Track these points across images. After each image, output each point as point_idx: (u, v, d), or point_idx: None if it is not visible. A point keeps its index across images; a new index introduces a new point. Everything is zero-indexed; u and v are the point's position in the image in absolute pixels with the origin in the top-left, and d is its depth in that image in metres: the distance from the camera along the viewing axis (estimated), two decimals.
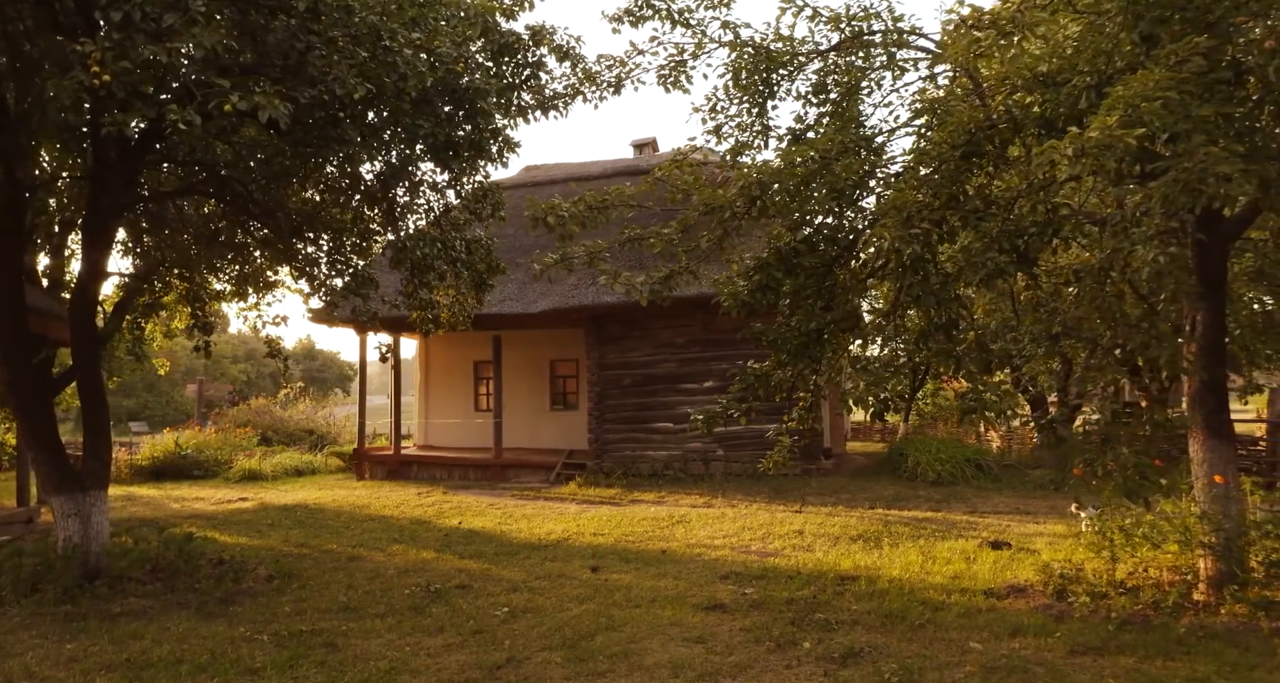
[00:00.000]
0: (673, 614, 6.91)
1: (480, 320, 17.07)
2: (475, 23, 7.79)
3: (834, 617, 6.62)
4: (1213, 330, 7.20)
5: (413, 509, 13.41)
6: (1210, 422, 7.19)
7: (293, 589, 8.06)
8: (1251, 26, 4.42)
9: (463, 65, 6.96)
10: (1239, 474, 7.06)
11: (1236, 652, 5.51)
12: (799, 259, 5.87)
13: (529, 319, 16.59)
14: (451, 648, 6.21)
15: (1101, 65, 4.74)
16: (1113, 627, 6.10)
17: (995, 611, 6.76)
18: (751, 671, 5.54)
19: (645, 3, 7.01)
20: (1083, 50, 4.79)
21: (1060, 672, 5.29)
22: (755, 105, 6.95)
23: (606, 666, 5.70)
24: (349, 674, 5.67)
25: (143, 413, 40.60)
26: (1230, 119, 4.48)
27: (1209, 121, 4.17)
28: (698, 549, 9.61)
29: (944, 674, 5.34)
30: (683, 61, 7.38)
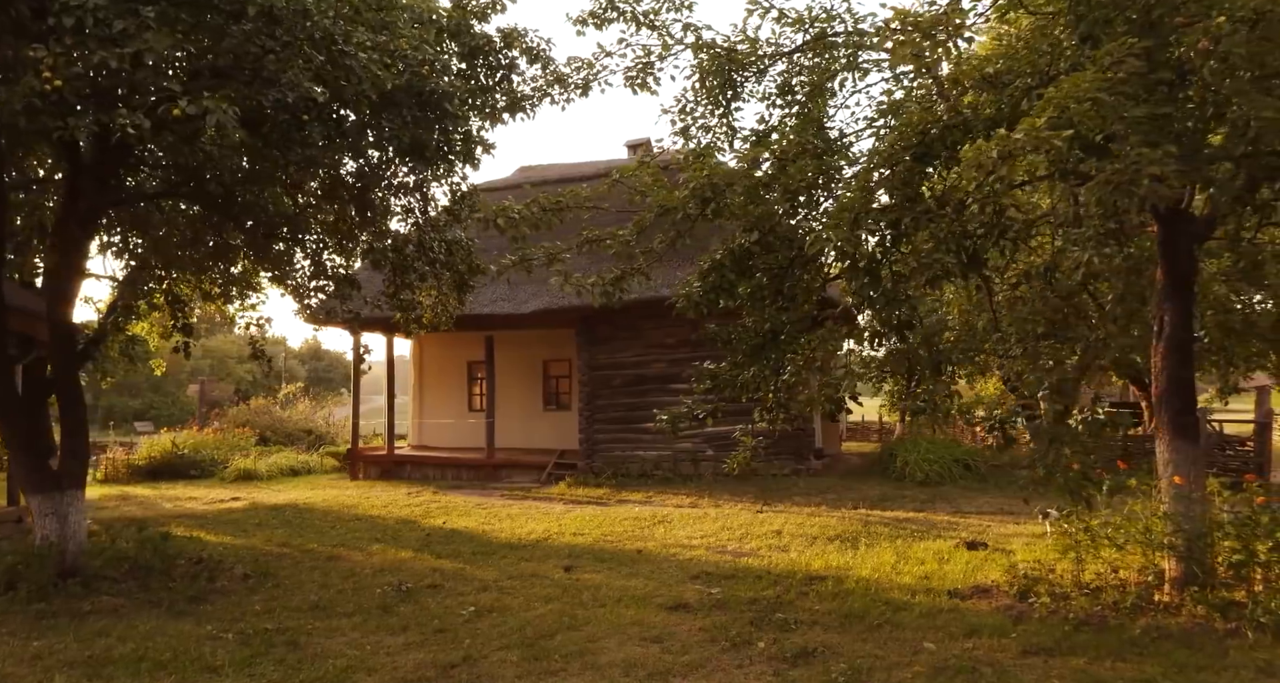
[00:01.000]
0: (636, 614, 6.94)
1: (473, 321, 17.20)
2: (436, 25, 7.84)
3: (794, 617, 6.64)
4: (1180, 331, 7.18)
5: (400, 509, 13.49)
6: (1176, 422, 7.18)
7: (266, 588, 8.13)
8: (1189, 28, 4.41)
9: (428, 68, 6.99)
10: (1204, 475, 7.04)
11: (1188, 653, 5.50)
12: (753, 261, 5.89)
13: (520, 319, 16.65)
14: (411, 647, 6.26)
15: (1044, 66, 4.74)
16: (1069, 628, 6.10)
17: (957, 611, 6.76)
18: (703, 670, 5.56)
19: (609, 5, 7.04)
20: (1028, 51, 4.80)
21: (1008, 672, 5.30)
22: (719, 107, 6.97)
23: (560, 665, 5.74)
24: (305, 672, 5.72)
25: (148, 413, 40.89)
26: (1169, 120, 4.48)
27: (1143, 122, 4.17)
28: (674, 549, 9.64)
29: (892, 674, 5.35)
30: (649, 63, 7.41)
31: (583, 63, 7.60)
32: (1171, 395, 7.25)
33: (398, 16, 6.28)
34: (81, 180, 7.96)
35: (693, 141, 7.25)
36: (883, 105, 6.29)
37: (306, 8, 5.57)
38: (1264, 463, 13.03)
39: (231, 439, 21.53)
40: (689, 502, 13.45)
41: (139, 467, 18.83)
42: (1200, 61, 4.27)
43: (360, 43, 5.90)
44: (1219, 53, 4.19)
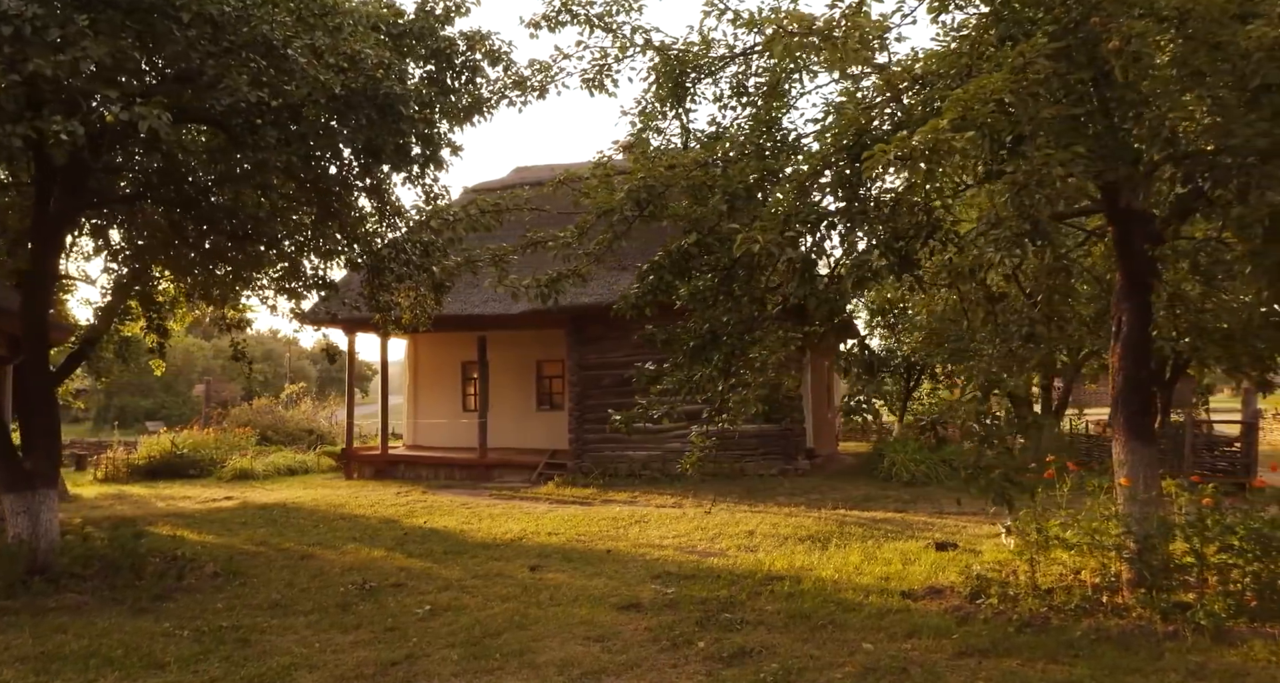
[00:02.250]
0: (587, 613, 6.98)
1: (465, 321, 17.31)
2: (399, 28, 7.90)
3: (741, 617, 6.66)
4: (1136, 331, 7.14)
5: (386, 509, 13.59)
6: (1132, 423, 7.14)
7: (233, 587, 8.23)
8: (1104, 29, 4.39)
9: (383, 71, 7.05)
10: (1159, 476, 7.00)
11: (1123, 655, 5.48)
12: (692, 262, 5.92)
13: (510, 320, 16.74)
14: (359, 645, 6.33)
15: (965, 66, 4.74)
16: (1012, 629, 6.08)
17: (906, 612, 6.75)
18: (637, 669, 5.60)
19: (563, 7, 7.09)
20: (950, 52, 4.80)
21: (937, 673, 5.30)
22: (671, 109, 7.00)
23: (498, 664, 5.79)
24: (248, 669, 5.81)
25: (160, 412, 41.32)
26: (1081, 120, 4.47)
27: (1052, 123, 4.16)
28: (643, 549, 9.67)
29: (823, 675, 5.37)
30: (604, 66, 7.44)
31: (540, 65, 7.65)
32: (1128, 396, 7.21)
33: (343, 21, 6.34)
34: (51, 184, 8.10)
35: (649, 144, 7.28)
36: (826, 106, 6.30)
37: (246, 13, 5.64)
38: (1251, 463, 12.90)
39: (232, 439, 21.76)
40: (672, 502, 13.48)
41: (138, 466, 19.06)
42: (1115, 62, 4.25)
43: (302, 47, 5.96)
44: (1129, 52, 4.17)
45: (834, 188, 5.58)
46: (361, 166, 7.45)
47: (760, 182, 5.84)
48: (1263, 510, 6.45)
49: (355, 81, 6.91)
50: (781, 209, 5.23)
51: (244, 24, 5.51)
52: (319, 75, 5.96)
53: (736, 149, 5.97)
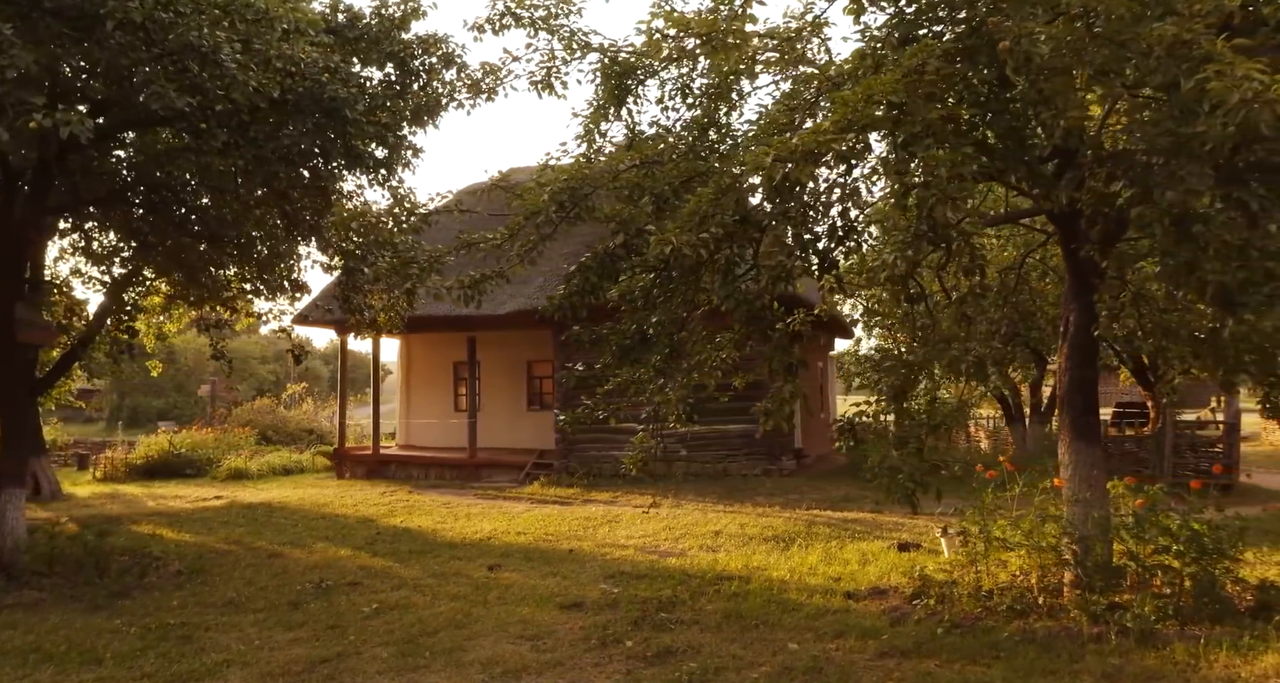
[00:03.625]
0: (530, 612, 7.04)
1: (455, 322, 17.41)
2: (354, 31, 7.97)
3: (678, 617, 6.68)
4: (1082, 332, 7.10)
5: (367, 508, 13.70)
6: (1077, 423, 7.11)
7: (193, 585, 8.36)
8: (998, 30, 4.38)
9: (328, 75, 7.13)
10: (1104, 477, 6.95)
11: (1044, 657, 5.45)
12: (619, 264, 5.95)
13: (498, 320, 16.80)
14: (297, 642, 6.41)
15: (870, 67, 4.74)
16: (941, 630, 6.06)
17: (845, 612, 6.75)
18: (559, 668, 5.64)
19: (506, 11, 7.14)
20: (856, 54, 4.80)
21: (851, 673, 5.31)
22: (614, 111, 7.03)
23: (426, 662, 5.85)
24: (181, 665, 5.91)
25: (171, 412, 41.80)
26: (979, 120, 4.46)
27: (941, 124, 4.16)
28: (606, 549, 9.71)
29: (740, 674, 5.39)
30: (553, 68, 7.48)
31: (489, 68, 7.71)
32: (1073, 396, 7.18)
33: (279, 25, 6.42)
34: (14, 189, 8.24)
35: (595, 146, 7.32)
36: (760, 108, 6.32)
37: (174, 19, 5.73)
38: (1233, 464, 12.76)
39: (231, 439, 22.00)
40: (651, 502, 13.49)
41: (136, 466, 19.30)
42: (1007, 62, 4.24)
43: (234, 53, 6.04)
44: (1020, 52, 4.16)
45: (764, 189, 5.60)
46: (310, 170, 7.52)
47: (688, 183, 5.86)
48: (1200, 512, 6.38)
49: (301, 85, 6.98)
50: (699, 209, 5.25)
51: (171, 29, 5.59)
52: (251, 80, 6.04)
53: (669, 150, 5.98)
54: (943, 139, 4.19)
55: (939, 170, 3.98)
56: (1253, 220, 4.64)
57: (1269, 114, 3.89)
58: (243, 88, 5.94)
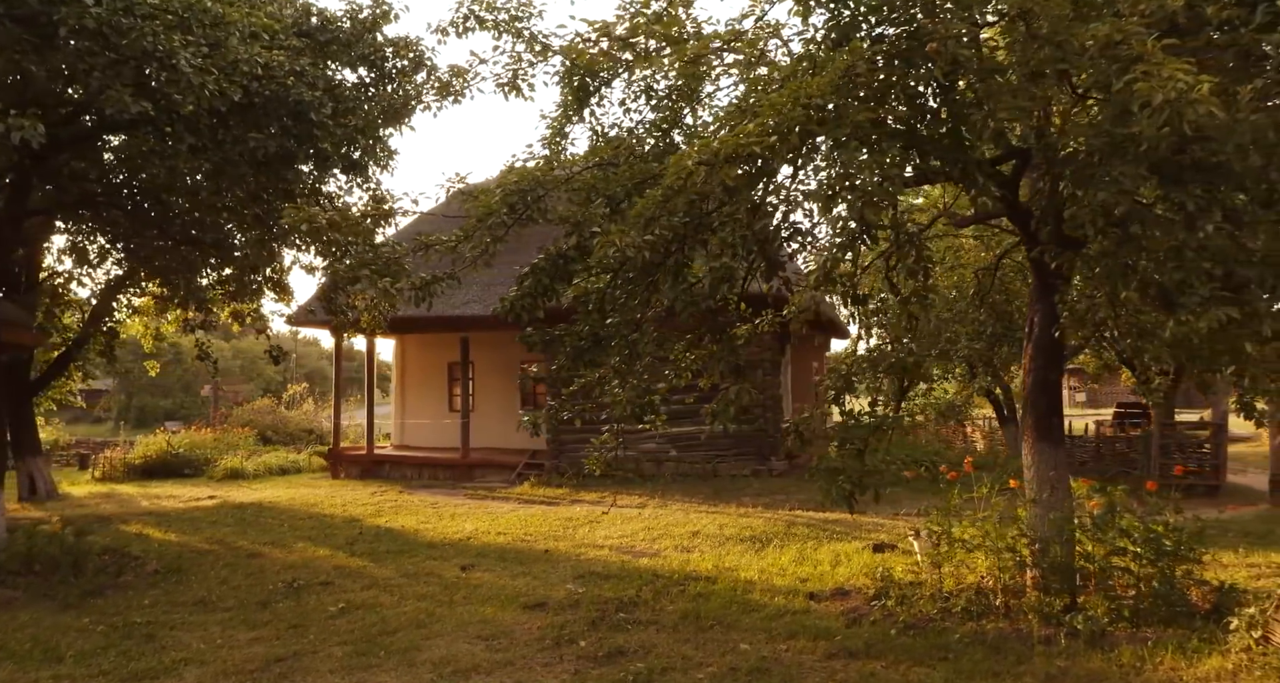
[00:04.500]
0: (492, 612, 7.07)
1: (447, 322, 17.48)
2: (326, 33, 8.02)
3: (637, 617, 6.71)
4: (1045, 333, 7.08)
5: (355, 508, 13.77)
6: (1040, 425, 7.09)
7: (168, 584, 8.44)
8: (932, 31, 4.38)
9: (294, 79, 7.18)
10: (1066, 478, 6.92)
11: (990, 658, 5.44)
12: (571, 265, 5.98)
13: (491, 321, 16.79)
14: (258, 641, 6.47)
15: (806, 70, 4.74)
16: (895, 631, 6.06)
17: (805, 613, 6.76)
18: (509, 668, 5.67)
19: (470, 14, 7.18)
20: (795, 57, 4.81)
21: (796, 674, 5.31)
22: (575, 113, 7.06)
23: (379, 661, 5.90)
24: (139, 663, 5.99)
25: (179, 412, 42.14)
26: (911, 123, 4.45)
27: (866, 127, 4.16)
28: (582, 549, 9.74)
29: (685, 675, 5.40)
30: (519, 70, 7.51)
31: (457, 70, 7.74)
32: (1037, 397, 7.16)
33: (230, 32, 6.48)
34: None
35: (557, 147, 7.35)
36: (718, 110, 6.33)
37: (130, 25, 5.79)
38: (1219, 465, 12.67)
39: (230, 439, 22.15)
40: (638, 502, 13.52)
41: (135, 465, 19.46)
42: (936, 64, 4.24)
43: (192, 57, 6.10)
44: (947, 55, 4.16)
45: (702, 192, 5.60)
46: (276, 173, 7.58)
47: (641, 185, 5.88)
48: (1159, 512, 6.35)
49: (268, 89, 7.04)
50: (646, 212, 5.27)
51: (127, 35, 5.65)
52: (208, 84, 6.09)
53: (625, 152, 6.00)
54: (870, 142, 4.19)
55: (862, 173, 3.98)
56: (1190, 221, 4.62)
57: (1192, 113, 3.87)
58: (199, 92, 6.00)
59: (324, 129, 7.42)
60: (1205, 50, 5.00)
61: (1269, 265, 4.94)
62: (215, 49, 6.40)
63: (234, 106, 6.71)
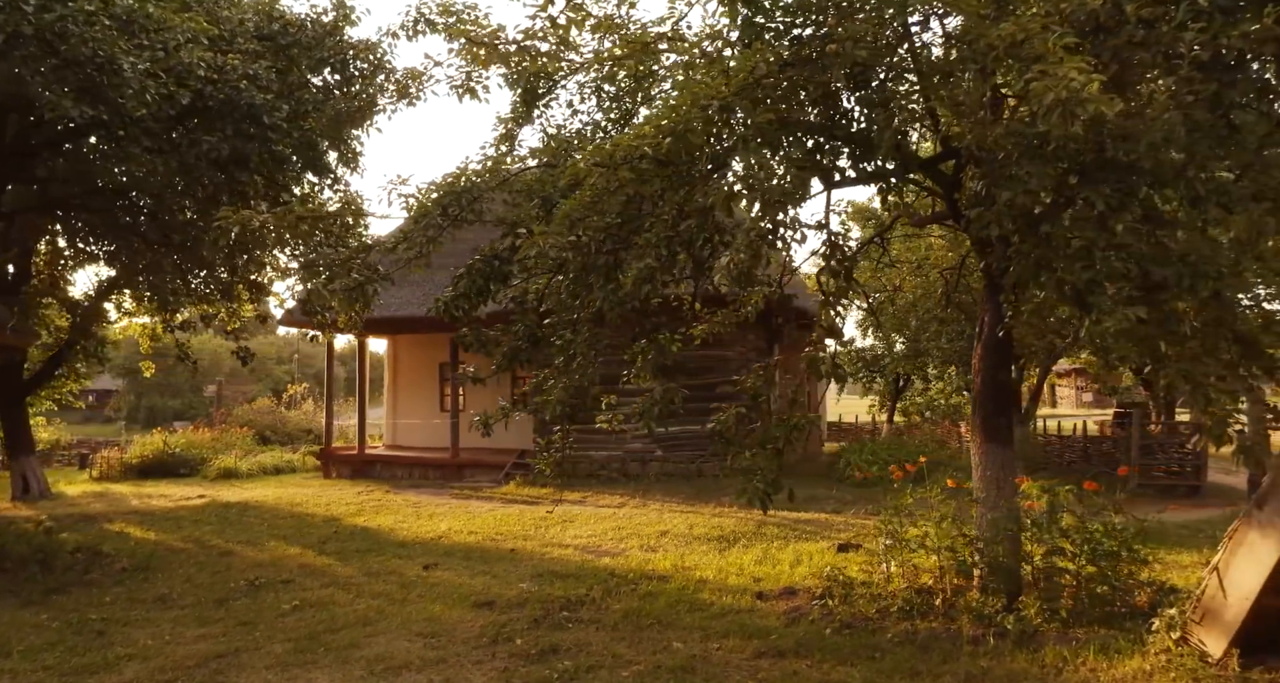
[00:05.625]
0: (440, 610, 7.13)
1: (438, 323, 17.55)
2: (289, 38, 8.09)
3: (580, 616, 6.74)
4: (994, 332, 7.07)
5: (338, 507, 13.88)
6: (987, 425, 7.07)
7: (134, 581, 8.56)
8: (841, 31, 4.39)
9: (246, 82, 7.26)
10: (1012, 479, 6.90)
11: (916, 658, 5.44)
12: (506, 266, 6.02)
13: (479, 322, 16.91)
14: (204, 638, 6.56)
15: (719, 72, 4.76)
16: (830, 630, 6.07)
17: (749, 612, 6.77)
18: (440, 666, 5.72)
19: (419, 17, 7.24)
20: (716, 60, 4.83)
21: (719, 673, 5.34)
22: (524, 114, 7.10)
23: (316, 658, 5.97)
24: (84, 658, 6.09)
25: (187, 413, 42.58)
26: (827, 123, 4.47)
27: (767, 127, 4.18)
28: (548, 548, 9.78)
29: (611, 673, 5.44)
30: (471, 72, 7.56)
31: (412, 73, 7.81)
32: (985, 397, 7.14)
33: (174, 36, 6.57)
34: None
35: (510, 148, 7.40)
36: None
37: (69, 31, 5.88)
38: (1201, 466, 12.56)
39: (228, 439, 22.33)
40: (619, 502, 13.57)
41: (132, 465, 19.67)
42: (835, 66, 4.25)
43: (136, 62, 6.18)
44: (845, 56, 4.17)
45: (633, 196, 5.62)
46: (228, 175, 7.67)
47: (574, 186, 5.90)
48: (1098, 513, 6.32)
49: (222, 92, 7.12)
50: (572, 213, 5.30)
51: (66, 41, 5.74)
52: (151, 89, 6.18)
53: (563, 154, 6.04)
54: (774, 142, 4.21)
55: (761, 173, 4.00)
56: (1101, 220, 4.61)
57: (1082, 112, 3.87)
58: (140, 96, 6.09)
59: (279, 132, 7.49)
60: (1127, 49, 4.99)
61: (1187, 265, 4.93)
62: (166, 53, 6.48)
63: (187, 110, 6.80)
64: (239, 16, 8.16)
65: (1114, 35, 4.99)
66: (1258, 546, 4.32)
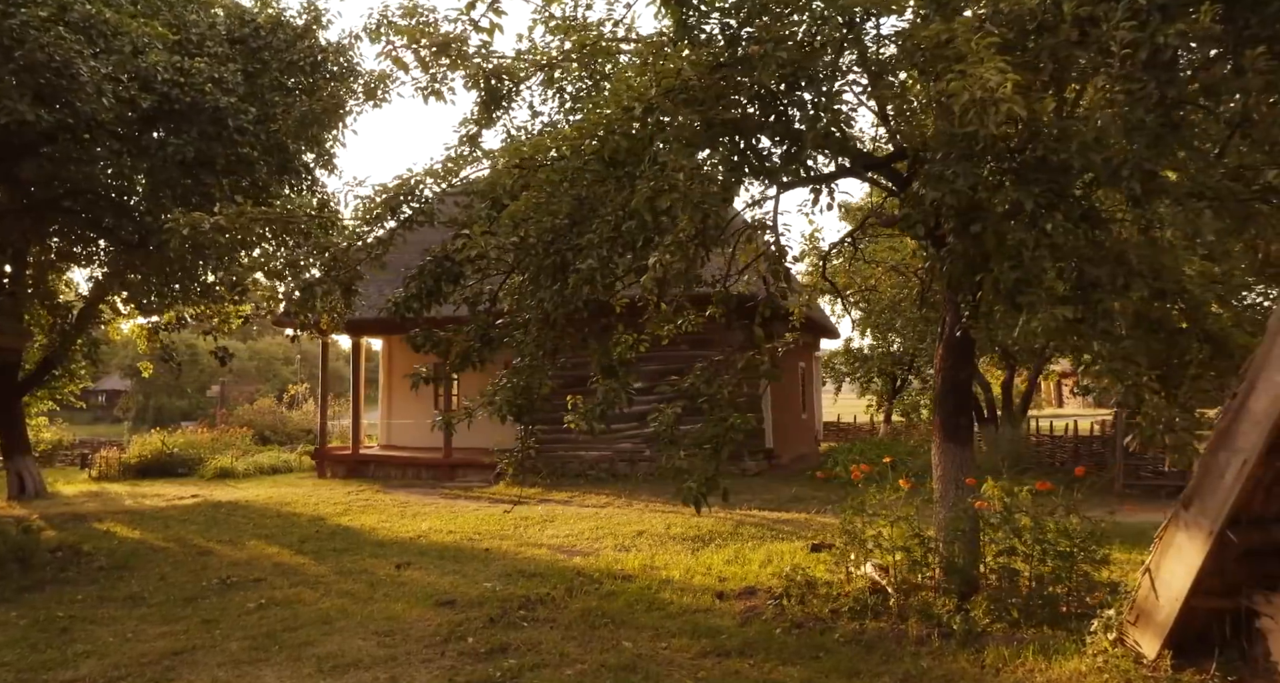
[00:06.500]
0: (402, 609, 7.18)
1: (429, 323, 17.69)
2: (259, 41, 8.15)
3: (536, 615, 6.78)
4: (953, 331, 7.06)
5: (326, 507, 13.97)
6: (946, 425, 7.08)
7: (109, 580, 8.66)
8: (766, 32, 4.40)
9: (210, 85, 7.33)
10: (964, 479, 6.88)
11: (860, 657, 5.45)
12: (456, 267, 6.07)
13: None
14: (165, 636, 6.63)
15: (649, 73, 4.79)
16: (779, 630, 6.08)
17: (706, 612, 6.79)
18: (389, 664, 5.77)
19: (381, 20, 7.28)
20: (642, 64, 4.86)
21: (661, 672, 5.36)
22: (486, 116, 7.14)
23: (269, 656, 6.03)
24: (43, 656, 6.18)
25: (195, 413, 42.88)
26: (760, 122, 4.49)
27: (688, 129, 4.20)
28: (523, 548, 9.83)
29: (554, 671, 5.47)
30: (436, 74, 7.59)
31: (379, 75, 7.85)
32: (945, 396, 7.15)
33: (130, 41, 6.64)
34: None
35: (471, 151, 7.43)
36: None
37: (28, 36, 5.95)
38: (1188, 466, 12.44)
39: (228, 438, 22.48)
40: (604, 502, 13.60)
41: (130, 465, 19.84)
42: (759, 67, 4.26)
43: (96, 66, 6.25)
44: (763, 57, 4.18)
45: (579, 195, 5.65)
46: (194, 178, 7.74)
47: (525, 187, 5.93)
48: (1049, 513, 6.30)
49: (188, 95, 7.19)
50: (517, 214, 5.34)
51: (19, 46, 5.81)
52: (107, 93, 6.25)
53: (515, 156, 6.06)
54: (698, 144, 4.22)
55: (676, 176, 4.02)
56: (1031, 220, 4.60)
57: (995, 112, 3.87)
58: (96, 101, 6.16)
59: (245, 134, 7.56)
60: (1064, 48, 4.98)
61: (1121, 264, 4.92)
62: (123, 57, 6.55)
63: (152, 113, 6.87)
64: (209, 20, 8.24)
65: (1052, 35, 4.99)
66: (1185, 547, 4.31)
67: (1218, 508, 4.03)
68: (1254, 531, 4.11)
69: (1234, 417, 3.97)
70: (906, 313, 10.78)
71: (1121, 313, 4.80)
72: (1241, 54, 4.80)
